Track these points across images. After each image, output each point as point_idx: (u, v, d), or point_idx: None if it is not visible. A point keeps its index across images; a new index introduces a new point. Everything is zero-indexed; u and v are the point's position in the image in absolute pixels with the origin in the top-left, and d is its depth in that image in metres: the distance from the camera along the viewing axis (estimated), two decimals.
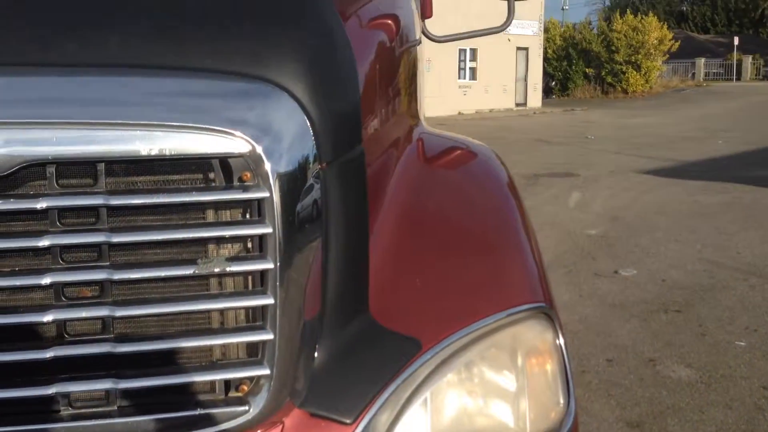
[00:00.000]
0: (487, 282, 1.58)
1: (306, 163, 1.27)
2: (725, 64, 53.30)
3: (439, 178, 2.03)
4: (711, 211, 9.12)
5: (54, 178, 1.16)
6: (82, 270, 1.18)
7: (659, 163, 13.94)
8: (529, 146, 17.58)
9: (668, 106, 32.00)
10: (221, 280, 1.27)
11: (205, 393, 1.27)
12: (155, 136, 1.16)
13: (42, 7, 1.22)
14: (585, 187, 11.34)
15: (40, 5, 1.22)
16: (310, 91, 1.28)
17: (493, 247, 1.72)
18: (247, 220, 1.25)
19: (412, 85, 2.29)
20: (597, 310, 5.52)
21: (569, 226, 8.46)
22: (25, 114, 1.13)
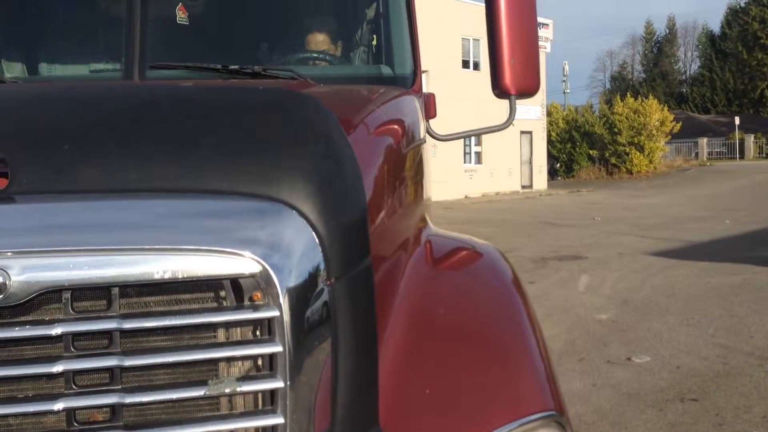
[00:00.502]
0: (497, 389, 1.59)
1: (315, 279, 1.31)
2: (728, 143, 53.91)
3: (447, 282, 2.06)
4: (722, 293, 9.06)
5: (69, 303, 1.20)
6: (94, 394, 1.21)
7: (667, 243, 13.94)
8: (536, 228, 17.64)
9: (673, 186, 32.22)
10: (231, 399, 1.29)
11: None
12: (168, 259, 1.21)
13: (59, 135, 1.29)
14: (594, 269, 11.32)
15: (57, 133, 1.29)
16: (319, 210, 1.33)
17: (502, 352, 1.73)
18: (257, 339, 1.28)
19: (419, 185, 2.36)
20: (611, 399, 5.42)
21: (579, 311, 8.40)
22: (42, 242, 1.18)
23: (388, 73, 2.68)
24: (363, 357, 1.43)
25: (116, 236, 1.21)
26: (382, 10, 2.76)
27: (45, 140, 1.28)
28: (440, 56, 27.20)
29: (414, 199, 2.26)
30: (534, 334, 1.79)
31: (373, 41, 2.82)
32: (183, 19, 2.51)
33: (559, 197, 30.23)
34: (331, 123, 1.51)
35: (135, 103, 1.48)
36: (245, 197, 1.29)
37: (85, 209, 1.23)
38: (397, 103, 2.35)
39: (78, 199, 1.23)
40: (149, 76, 2.24)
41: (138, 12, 2.25)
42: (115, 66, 2.46)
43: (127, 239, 1.21)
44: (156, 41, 2.39)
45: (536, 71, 2.54)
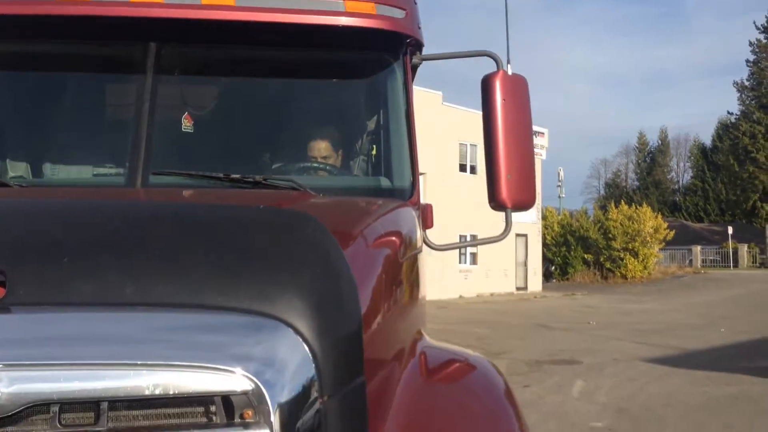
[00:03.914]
0: None
1: (307, 397, 1.30)
2: (721, 251, 54.28)
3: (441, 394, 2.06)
4: (719, 404, 8.89)
5: (57, 416, 1.18)
6: None
7: (663, 350, 13.78)
8: (531, 331, 17.48)
9: (668, 293, 32.17)
10: None
11: None
12: (159, 374, 1.20)
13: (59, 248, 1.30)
14: (588, 375, 11.13)
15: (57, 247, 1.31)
16: (314, 328, 1.34)
17: None
18: None
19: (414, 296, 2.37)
20: None
21: (574, 418, 8.21)
22: (33, 354, 1.17)
23: (386, 185, 2.74)
24: None
25: (108, 350, 1.21)
26: (383, 123, 2.84)
27: (44, 253, 1.29)
28: (438, 160, 27.73)
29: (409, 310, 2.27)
30: None
31: (372, 151, 2.88)
32: (188, 127, 2.58)
33: (554, 300, 30.11)
34: (330, 243, 1.54)
35: (135, 219, 1.51)
36: (241, 313, 1.30)
37: (80, 322, 1.23)
38: (395, 215, 2.39)
39: (72, 311, 1.23)
40: (152, 182, 2.27)
41: (145, 119, 2.31)
42: (119, 170, 2.50)
43: (119, 353, 1.21)
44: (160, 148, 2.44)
45: (532, 186, 2.63)
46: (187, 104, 2.63)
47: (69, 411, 1.19)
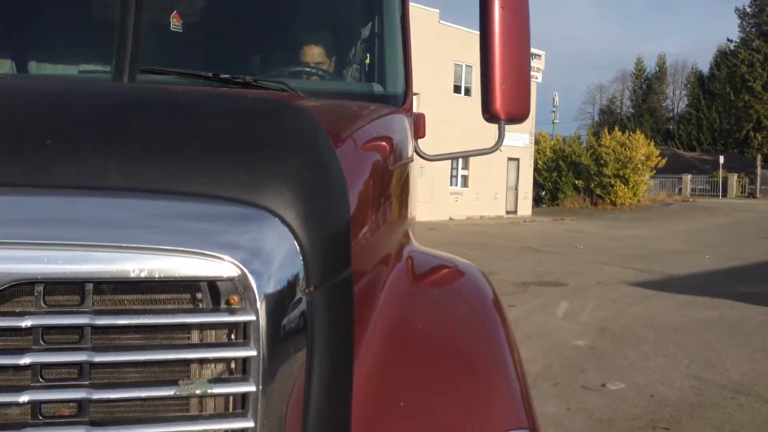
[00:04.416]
0: (472, 405, 1.58)
1: (294, 287, 1.31)
2: (711, 180, 54.56)
3: (427, 297, 2.06)
4: (699, 326, 9.12)
5: (41, 296, 1.19)
6: (60, 389, 1.19)
7: (647, 275, 14.03)
8: (519, 254, 17.70)
9: (656, 220, 32.47)
10: (202, 400, 1.28)
11: None
12: (146, 258, 1.20)
13: (42, 130, 1.28)
14: (573, 296, 11.35)
15: (41, 128, 1.28)
16: (302, 218, 1.33)
17: (478, 370, 1.73)
18: (231, 343, 1.27)
19: (404, 203, 2.37)
20: (584, 424, 5.42)
21: (557, 337, 8.42)
22: (17, 234, 1.17)
23: (379, 91, 2.70)
24: (338, 367, 1.42)
25: (94, 232, 1.20)
26: (377, 29, 2.78)
27: (28, 134, 1.27)
28: (432, 80, 27.37)
29: (398, 216, 2.26)
30: (511, 355, 1.80)
31: (366, 59, 2.83)
32: (177, 26, 2.51)
33: (543, 224, 30.37)
34: (320, 134, 1.52)
35: (122, 103, 1.48)
36: (228, 202, 1.29)
37: (64, 204, 1.21)
38: (387, 120, 2.36)
39: (57, 194, 1.22)
40: (139, 79, 2.23)
41: (132, 16, 2.24)
42: (105, 68, 2.44)
43: (105, 236, 1.20)
44: (148, 46, 2.37)
45: (527, 98, 2.57)
46: (176, 2, 2.56)
47: (53, 292, 1.20)
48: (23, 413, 1.18)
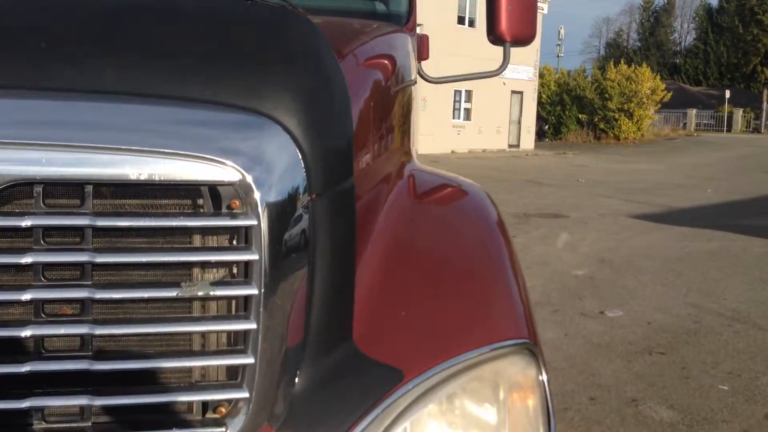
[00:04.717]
0: (473, 316, 1.58)
1: (295, 193, 1.28)
2: (716, 115, 54.07)
3: (429, 213, 2.04)
4: (698, 257, 9.17)
5: (41, 197, 1.16)
6: (63, 288, 1.18)
7: (648, 208, 14.05)
8: (521, 187, 17.69)
9: (659, 154, 32.35)
10: (204, 304, 1.27)
11: (182, 413, 1.26)
12: (145, 161, 1.17)
13: (36, 33, 1.24)
14: (574, 228, 11.40)
15: (35, 31, 1.24)
16: (304, 126, 1.30)
17: (480, 282, 1.72)
18: (233, 247, 1.25)
19: (406, 122, 2.32)
20: (582, 349, 5.51)
21: (557, 266, 8.48)
22: (15, 134, 1.14)
23: (381, 9, 2.61)
24: (340, 274, 1.42)
25: (93, 134, 1.16)
26: None
27: (22, 37, 1.23)
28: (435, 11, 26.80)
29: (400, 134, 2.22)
30: (514, 272, 1.79)
31: None
32: None
33: (545, 158, 30.27)
34: (322, 43, 1.47)
35: (119, 7, 1.43)
36: (229, 108, 1.25)
37: (63, 107, 1.18)
38: (390, 38, 2.30)
39: (56, 96, 1.18)
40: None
41: None
42: None
43: (105, 138, 1.16)
44: None
45: (533, 19, 2.51)
46: None
47: (53, 194, 1.18)
48: (26, 312, 1.18)
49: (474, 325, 1.54)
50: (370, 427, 1.32)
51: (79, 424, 1.18)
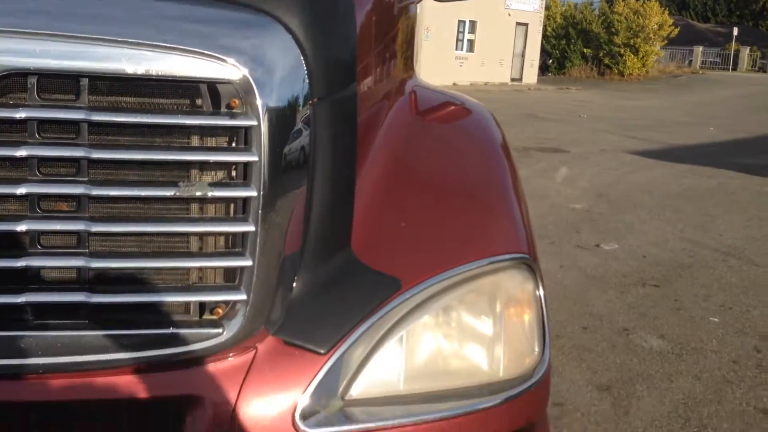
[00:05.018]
0: (472, 230, 1.58)
1: (297, 96, 1.26)
2: (722, 53, 53.25)
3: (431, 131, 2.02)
4: (697, 194, 9.18)
5: (35, 89, 1.14)
6: (59, 183, 1.16)
7: (649, 144, 13.97)
8: (522, 120, 17.54)
9: (663, 91, 31.99)
10: (202, 206, 1.26)
11: (178, 314, 1.26)
12: (144, 55, 1.13)
13: None
14: (573, 163, 11.36)
15: None
16: (307, 27, 1.27)
17: (481, 198, 1.71)
18: (232, 147, 1.23)
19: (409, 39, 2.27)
20: (576, 280, 5.57)
21: (555, 199, 8.49)
22: (10, 23, 1.10)
23: None
24: (340, 179, 1.40)
25: (91, 26, 1.13)
26: None
27: None
28: None
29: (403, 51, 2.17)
30: (516, 192, 1.78)
31: None
32: None
33: (548, 93, 29.92)
34: None
35: None
36: (231, 6, 1.22)
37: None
38: None
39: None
40: None
41: None
42: None
43: (103, 30, 1.13)
44: None
45: None
46: None
47: (47, 86, 1.15)
48: (21, 206, 1.17)
49: (473, 238, 1.54)
50: (367, 333, 1.33)
51: (74, 321, 1.19)
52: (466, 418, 1.38)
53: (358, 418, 1.31)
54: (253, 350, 1.29)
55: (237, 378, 1.26)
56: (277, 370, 1.28)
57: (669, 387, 3.78)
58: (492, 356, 1.45)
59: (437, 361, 1.42)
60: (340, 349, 1.31)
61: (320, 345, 1.30)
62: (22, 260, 1.15)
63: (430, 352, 1.41)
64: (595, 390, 3.71)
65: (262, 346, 1.29)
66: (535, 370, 1.51)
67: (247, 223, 1.22)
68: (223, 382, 1.25)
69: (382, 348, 1.36)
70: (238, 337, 1.24)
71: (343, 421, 1.29)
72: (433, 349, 1.42)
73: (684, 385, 3.80)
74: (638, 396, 3.66)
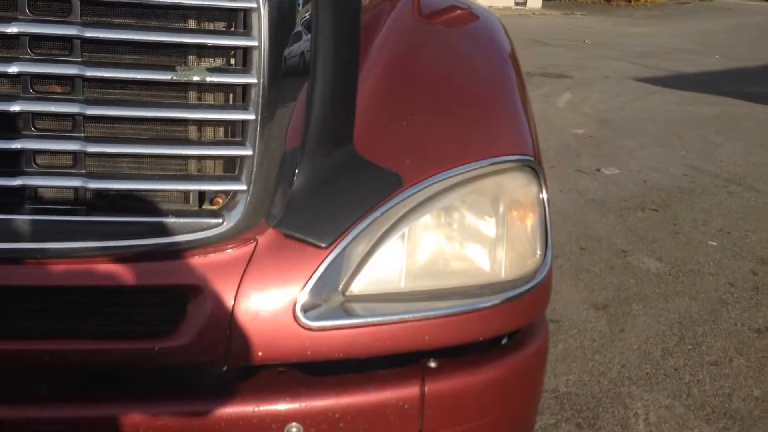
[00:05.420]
0: (476, 131, 1.54)
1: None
2: None
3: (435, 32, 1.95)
4: (700, 121, 9.08)
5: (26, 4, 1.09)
6: (52, 63, 1.12)
7: (654, 72, 13.75)
8: (525, 46, 17.20)
9: (670, 19, 31.31)
10: (201, 95, 1.22)
11: (178, 203, 1.24)
12: None
13: None
14: (577, 89, 11.20)
15: None
16: None
17: (487, 101, 1.67)
18: (231, 31, 1.19)
19: None
20: (575, 203, 5.56)
21: (557, 125, 8.40)
22: None
23: None
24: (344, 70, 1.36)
25: None
26: None
27: None
28: None
29: None
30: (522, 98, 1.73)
31: None
32: None
33: (553, 18, 29.29)
34: None
35: None
36: None
37: None
38: None
39: None
40: None
41: None
42: None
43: None
44: None
45: None
46: None
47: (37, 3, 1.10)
48: (14, 86, 1.12)
49: (477, 139, 1.50)
50: (368, 229, 1.31)
51: (72, 207, 1.17)
52: (467, 317, 1.38)
53: (359, 313, 1.30)
54: (254, 243, 1.27)
55: (237, 270, 1.25)
56: (278, 263, 1.26)
57: (665, 307, 3.81)
58: (494, 257, 1.44)
59: (439, 261, 1.41)
60: (341, 244, 1.29)
61: (321, 239, 1.28)
62: (17, 142, 1.12)
63: (431, 251, 1.40)
64: (592, 308, 3.74)
65: (262, 239, 1.27)
66: (537, 272, 1.51)
67: (247, 111, 1.18)
68: (223, 274, 1.23)
69: (384, 245, 1.34)
70: (238, 229, 1.22)
71: (344, 315, 1.29)
72: (435, 248, 1.40)
73: (680, 306, 3.83)
74: (634, 315, 3.70)
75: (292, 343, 1.26)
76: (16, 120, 1.12)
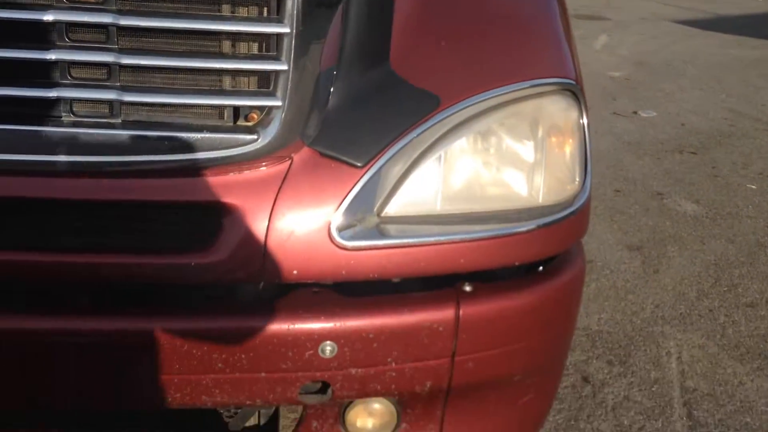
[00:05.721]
0: (517, 53, 1.49)
1: None
2: None
3: None
4: (741, 65, 8.80)
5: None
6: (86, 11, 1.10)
7: (694, 14, 13.31)
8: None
9: None
10: (234, 8, 1.19)
11: (212, 118, 1.22)
12: None
13: None
14: (613, 31, 10.91)
15: None
16: None
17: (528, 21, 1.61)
18: None
19: None
20: (611, 146, 5.46)
21: (593, 67, 8.19)
22: None
23: None
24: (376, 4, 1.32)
25: None
26: None
27: None
28: None
29: None
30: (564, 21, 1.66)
31: None
32: None
33: None
34: None
35: None
36: None
37: None
38: None
39: None
40: None
41: None
42: None
43: None
44: None
45: None
46: None
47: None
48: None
49: (517, 61, 1.45)
50: (404, 150, 1.28)
51: (108, 120, 1.16)
52: (503, 241, 1.35)
53: (393, 234, 1.28)
54: (288, 161, 1.25)
55: (272, 188, 1.23)
56: (313, 182, 1.25)
57: (701, 249, 3.75)
58: (531, 182, 1.41)
59: (475, 184, 1.38)
60: (377, 164, 1.27)
61: (357, 158, 1.26)
62: (51, 53, 1.11)
63: (468, 174, 1.37)
64: (626, 249, 3.70)
65: (297, 157, 1.25)
66: (575, 199, 1.47)
67: (282, 24, 1.15)
68: (258, 191, 1.22)
69: (420, 166, 1.31)
70: (273, 145, 1.21)
71: (379, 236, 1.27)
72: (472, 172, 1.37)
73: (716, 248, 3.77)
74: (669, 256, 3.65)
75: (326, 262, 1.25)
76: (50, 30, 1.11)
